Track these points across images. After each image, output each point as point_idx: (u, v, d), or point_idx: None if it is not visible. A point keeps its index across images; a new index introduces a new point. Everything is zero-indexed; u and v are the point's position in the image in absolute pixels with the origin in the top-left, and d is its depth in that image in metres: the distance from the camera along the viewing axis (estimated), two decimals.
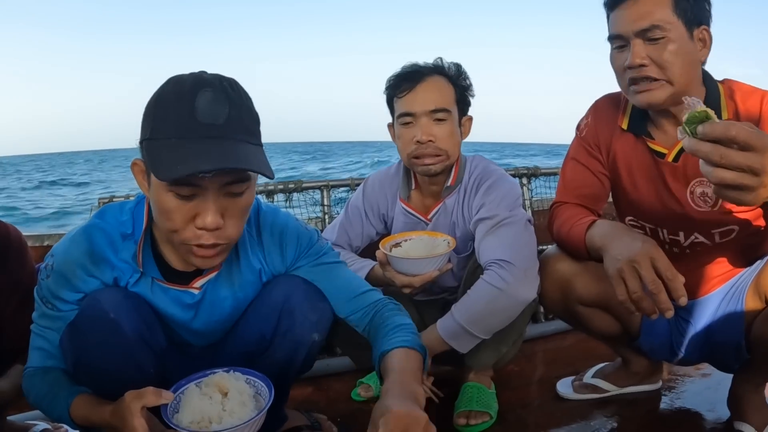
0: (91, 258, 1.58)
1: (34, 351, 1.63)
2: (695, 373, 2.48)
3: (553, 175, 4.04)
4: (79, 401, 1.52)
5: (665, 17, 1.72)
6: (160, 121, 1.37)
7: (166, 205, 1.39)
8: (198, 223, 1.40)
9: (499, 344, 2.09)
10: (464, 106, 2.28)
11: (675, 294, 1.53)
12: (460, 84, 2.25)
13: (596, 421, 2.12)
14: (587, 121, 2.09)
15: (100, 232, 1.60)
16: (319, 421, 2.07)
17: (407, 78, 2.21)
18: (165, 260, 1.64)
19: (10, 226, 1.83)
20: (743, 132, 1.22)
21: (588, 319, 2.11)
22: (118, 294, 1.57)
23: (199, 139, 1.33)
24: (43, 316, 1.61)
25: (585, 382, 2.35)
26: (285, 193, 3.15)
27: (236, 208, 1.44)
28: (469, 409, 2.11)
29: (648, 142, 1.92)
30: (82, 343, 1.52)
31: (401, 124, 2.23)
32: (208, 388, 1.47)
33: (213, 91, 1.35)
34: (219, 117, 1.35)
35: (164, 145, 1.34)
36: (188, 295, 1.66)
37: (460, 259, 2.28)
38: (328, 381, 2.57)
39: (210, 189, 1.37)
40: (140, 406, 1.36)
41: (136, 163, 1.49)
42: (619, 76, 1.85)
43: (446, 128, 2.18)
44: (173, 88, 1.39)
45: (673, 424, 2.12)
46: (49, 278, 1.57)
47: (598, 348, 2.58)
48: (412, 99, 2.18)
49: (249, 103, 1.43)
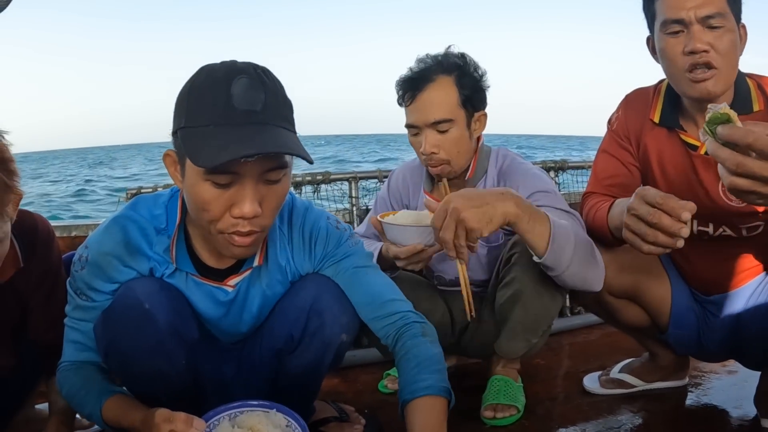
0: (126, 248, 1.60)
1: (68, 344, 1.65)
2: (722, 370, 2.47)
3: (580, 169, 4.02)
4: (111, 403, 1.54)
5: (724, 6, 1.72)
6: (195, 109, 1.37)
7: (203, 195, 1.39)
8: (235, 213, 1.39)
9: (529, 334, 2.09)
10: (475, 102, 2.20)
11: (675, 213, 1.49)
12: (467, 79, 2.19)
13: (623, 416, 2.12)
14: (618, 114, 2.10)
15: (134, 224, 1.62)
16: (346, 413, 2.09)
17: (410, 86, 2.18)
18: (198, 256, 1.65)
19: (37, 217, 1.87)
20: (762, 140, 1.22)
21: (617, 311, 2.11)
22: (154, 284, 1.59)
23: (238, 125, 1.33)
24: (78, 308, 1.63)
25: (612, 377, 2.36)
26: (313, 185, 3.17)
27: (274, 196, 1.44)
28: (496, 402, 2.12)
29: (680, 135, 1.92)
30: (115, 331, 1.54)
31: (410, 134, 2.23)
32: (241, 430, 1.44)
33: (248, 77, 1.36)
34: (256, 103, 1.35)
35: (202, 133, 1.34)
36: (222, 292, 1.68)
37: (490, 248, 2.27)
38: (354, 372, 2.60)
39: (248, 176, 1.37)
40: (168, 431, 1.37)
41: (168, 154, 1.49)
42: (673, 63, 1.81)
43: (451, 136, 2.15)
44: (206, 76, 1.39)
45: (699, 420, 2.11)
46: (84, 269, 1.59)
47: (625, 342, 2.59)
48: (414, 110, 2.17)
49: (283, 90, 1.44)
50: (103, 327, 1.56)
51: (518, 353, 2.14)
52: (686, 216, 1.48)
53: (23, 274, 1.76)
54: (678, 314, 2.07)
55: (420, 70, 2.18)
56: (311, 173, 3.19)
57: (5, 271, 1.72)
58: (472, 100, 2.19)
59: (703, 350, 2.13)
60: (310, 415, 2.03)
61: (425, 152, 2.15)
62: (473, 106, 2.20)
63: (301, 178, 3.16)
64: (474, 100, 2.20)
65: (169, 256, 1.61)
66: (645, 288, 2.06)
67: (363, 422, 2.07)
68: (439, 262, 2.37)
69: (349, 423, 2.05)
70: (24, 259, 1.77)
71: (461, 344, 2.40)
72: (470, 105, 2.18)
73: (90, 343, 1.62)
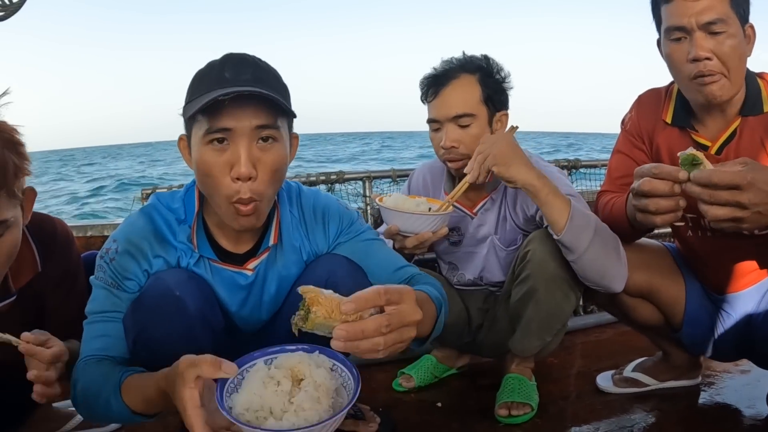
0: (155, 236, 1.66)
1: (89, 341, 1.62)
2: (734, 370, 2.48)
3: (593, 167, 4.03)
4: (130, 380, 1.51)
5: (726, 11, 1.73)
6: (194, 89, 1.55)
7: (205, 159, 1.51)
8: (233, 173, 1.49)
9: (543, 332, 2.11)
10: (497, 102, 2.24)
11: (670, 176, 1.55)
12: (490, 79, 2.23)
13: (636, 414, 2.13)
14: (631, 115, 2.13)
15: (158, 214, 1.68)
16: (361, 411, 2.11)
17: (433, 82, 2.23)
18: (217, 243, 1.71)
19: (56, 221, 1.90)
20: (724, 177, 1.40)
21: (632, 309, 2.13)
22: (182, 273, 1.63)
23: (226, 87, 1.47)
24: (108, 299, 1.62)
25: (625, 375, 2.37)
26: (327, 184, 3.19)
27: (267, 161, 1.53)
28: (510, 400, 2.14)
29: (692, 134, 1.94)
30: (146, 319, 1.56)
31: (431, 129, 2.27)
32: (279, 370, 1.27)
33: (240, 58, 1.55)
34: (245, 74, 1.51)
35: (196, 100, 1.51)
36: (242, 276, 1.72)
37: (508, 252, 2.30)
38: (368, 371, 2.60)
39: (241, 134, 1.49)
40: (194, 376, 1.25)
41: (181, 138, 1.63)
42: (678, 69, 1.85)
43: (471, 132, 2.18)
44: (207, 65, 1.57)
45: (712, 420, 2.12)
46: (114, 261, 1.62)
47: (638, 341, 2.60)
48: (437, 105, 2.21)
49: (277, 73, 1.59)
50: (133, 316, 1.58)
51: (532, 351, 2.16)
52: (683, 175, 1.53)
53: (41, 278, 1.79)
54: (692, 313, 2.09)
55: (444, 69, 2.23)
56: (325, 173, 3.21)
57: (23, 275, 1.74)
58: (494, 99, 2.22)
59: (716, 350, 2.14)
60: None
61: (445, 146, 2.18)
62: (495, 106, 2.23)
63: (315, 177, 3.18)
64: (496, 99, 2.23)
65: (192, 243, 1.66)
66: (659, 287, 2.08)
67: (378, 420, 2.09)
68: (460, 263, 2.41)
69: (364, 421, 2.07)
70: (42, 263, 1.80)
71: (476, 342, 2.42)
72: (492, 103, 2.22)
73: (116, 334, 1.60)
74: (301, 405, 1.19)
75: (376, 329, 1.19)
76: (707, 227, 1.97)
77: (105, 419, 1.74)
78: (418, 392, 2.41)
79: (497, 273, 2.34)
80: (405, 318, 1.25)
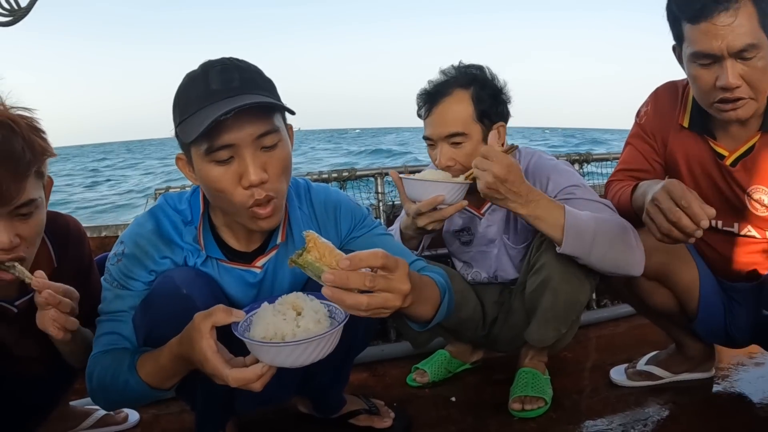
0: (160, 238, 1.67)
1: (101, 338, 1.66)
2: (749, 362, 2.48)
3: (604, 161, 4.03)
4: (144, 355, 1.56)
5: (757, 33, 1.69)
6: (183, 106, 1.51)
7: (212, 176, 1.49)
8: (244, 183, 1.48)
9: (559, 322, 2.12)
10: (492, 116, 2.20)
11: (695, 219, 1.55)
12: (485, 92, 2.18)
13: (650, 408, 2.14)
14: (647, 109, 2.12)
15: (164, 216, 1.70)
16: (376, 406, 2.13)
17: (427, 99, 2.22)
18: (225, 242, 1.72)
19: (69, 218, 1.93)
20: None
21: (647, 294, 2.13)
22: (190, 272, 1.65)
23: (217, 101, 1.45)
24: (116, 300, 1.66)
25: (639, 369, 2.38)
26: (339, 181, 3.20)
27: (275, 162, 1.53)
28: (524, 394, 2.15)
29: (710, 142, 1.93)
30: (155, 317, 1.58)
31: (428, 145, 2.26)
32: (282, 306, 1.42)
33: (221, 65, 1.50)
34: (232, 81, 1.48)
35: (191, 120, 1.46)
36: (251, 274, 1.73)
37: (519, 250, 2.31)
38: (383, 367, 2.63)
39: (244, 146, 1.47)
40: (210, 326, 1.36)
41: (179, 158, 1.61)
42: (703, 93, 1.80)
43: (464, 151, 2.16)
44: (186, 79, 1.53)
45: (726, 412, 2.12)
46: (121, 262, 1.65)
47: (651, 335, 2.62)
48: (430, 124, 2.20)
49: (259, 71, 1.56)
50: (142, 314, 1.61)
51: (548, 342, 2.16)
52: (705, 224, 1.54)
53: (57, 274, 1.81)
54: (707, 299, 2.09)
55: (438, 84, 2.21)
56: (337, 169, 3.22)
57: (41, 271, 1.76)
58: (489, 114, 2.19)
59: (729, 338, 2.15)
60: (341, 406, 2.09)
61: (440, 165, 2.18)
62: (490, 120, 2.20)
63: (327, 174, 3.19)
64: (491, 113, 2.20)
65: (199, 244, 1.68)
66: (673, 270, 2.07)
67: (392, 415, 2.11)
68: (474, 262, 2.42)
69: (379, 416, 2.09)
70: (58, 259, 1.83)
71: (491, 337, 2.42)
72: (487, 118, 2.19)
73: (125, 332, 1.65)
74: (307, 327, 1.34)
75: (360, 281, 1.28)
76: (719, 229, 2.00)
77: (123, 402, 1.78)
78: (433, 387, 2.42)
79: (511, 271, 2.35)
80: (391, 284, 1.32)
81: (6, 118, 1.51)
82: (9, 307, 1.74)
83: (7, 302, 1.74)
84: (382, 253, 1.31)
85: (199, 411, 1.86)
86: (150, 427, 2.23)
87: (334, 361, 1.81)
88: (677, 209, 1.57)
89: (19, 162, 1.50)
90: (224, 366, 1.36)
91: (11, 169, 1.48)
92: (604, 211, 1.99)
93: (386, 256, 1.31)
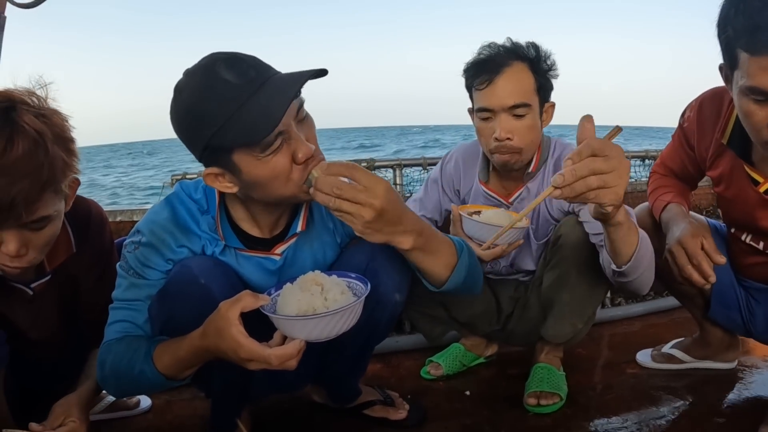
0: (177, 226, 1.65)
1: (112, 326, 1.66)
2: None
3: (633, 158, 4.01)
4: (161, 345, 1.56)
5: None
6: (210, 115, 1.39)
7: (266, 173, 1.45)
8: (301, 158, 1.45)
9: (575, 318, 2.12)
10: (546, 92, 2.15)
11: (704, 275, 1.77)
12: (541, 68, 2.13)
13: (665, 407, 2.13)
14: (690, 114, 2.07)
15: (181, 204, 1.68)
16: (391, 397, 2.13)
17: (485, 68, 2.10)
18: (243, 230, 1.70)
19: (91, 202, 1.92)
20: None
21: (669, 274, 2.13)
22: (208, 261, 1.64)
23: (253, 94, 1.39)
24: (129, 288, 1.65)
25: (663, 352, 2.45)
26: None
27: (308, 129, 1.51)
28: (539, 390, 2.14)
29: (746, 167, 1.86)
30: (172, 307, 1.57)
31: (480, 118, 2.14)
32: (305, 283, 1.46)
33: (221, 60, 1.41)
34: (249, 70, 1.41)
35: (234, 123, 1.38)
36: (270, 261, 1.73)
37: (539, 244, 2.29)
38: (398, 358, 2.63)
39: (290, 127, 1.44)
40: (238, 313, 1.39)
41: (207, 174, 1.53)
42: (754, 130, 1.65)
43: (526, 123, 2.09)
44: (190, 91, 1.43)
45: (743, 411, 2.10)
46: (138, 249, 1.63)
47: (666, 333, 2.65)
48: (491, 93, 2.08)
49: (256, 57, 1.48)
50: (160, 304, 1.60)
51: (564, 337, 2.16)
52: (713, 280, 1.80)
53: (76, 259, 1.81)
54: (721, 288, 2.11)
55: (495, 54, 2.12)
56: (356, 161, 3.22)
57: (58, 257, 1.76)
58: (545, 89, 2.14)
59: (748, 332, 2.18)
60: (357, 396, 2.09)
61: (499, 137, 2.08)
62: (544, 96, 2.15)
63: None
64: (546, 89, 2.15)
65: (217, 234, 1.67)
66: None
67: (407, 407, 2.11)
68: None
69: (394, 408, 2.09)
70: (76, 245, 1.82)
71: (505, 331, 2.42)
72: (542, 93, 2.14)
73: (139, 320, 1.64)
74: (334, 298, 1.41)
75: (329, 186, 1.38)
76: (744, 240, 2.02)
77: (136, 391, 1.80)
78: (447, 380, 2.42)
79: (529, 262, 2.33)
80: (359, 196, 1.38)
81: (33, 128, 1.46)
82: (25, 289, 1.74)
83: (23, 284, 1.74)
84: (353, 165, 1.37)
85: (214, 398, 1.87)
86: (162, 413, 2.24)
87: (353, 349, 1.80)
88: (689, 267, 1.80)
89: (37, 180, 1.46)
90: (263, 348, 1.38)
91: (26, 187, 1.44)
92: None
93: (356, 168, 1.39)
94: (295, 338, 1.39)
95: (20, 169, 1.42)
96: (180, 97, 1.44)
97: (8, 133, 1.42)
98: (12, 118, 1.45)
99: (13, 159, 1.41)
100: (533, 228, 2.27)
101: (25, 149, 1.43)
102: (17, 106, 1.48)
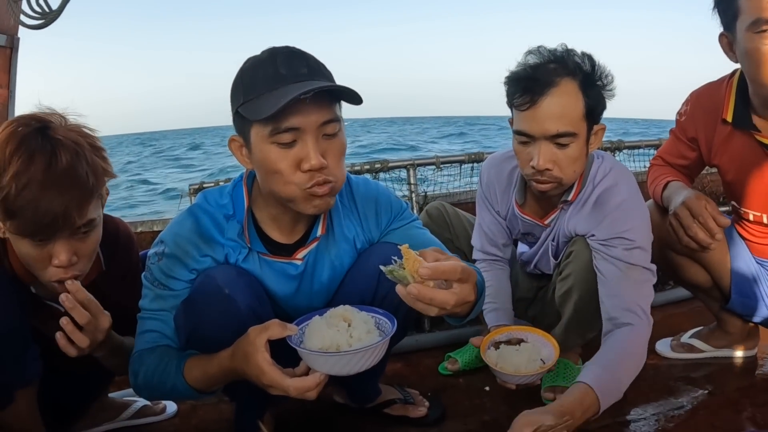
0: (201, 237, 1.69)
1: (142, 335, 1.71)
2: None
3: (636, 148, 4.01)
4: (192, 361, 1.61)
5: None
6: (249, 85, 1.52)
7: (272, 157, 1.52)
8: (304, 167, 1.51)
9: (583, 329, 2.14)
10: (596, 115, 1.90)
11: (711, 232, 1.84)
12: (594, 87, 1.88)
13: (683, 398, 2.14)
14: (686, 109, 2.14)
15: (204, 214, 1.72)
16: (411, 395, 2.16)
17: (529, 87, 1.85)
18: (267, 236, 1.74)
19: (119, 221, 1.97)
20: None
21: (680, 268, 2.20)
22: (232, 271, 1.67)
23: (289, 84, 1.48)
24: (155, 299, 1.70)
25: (682, 341, 2.46)
26: (372, 173, 3.22)
27: (334, 149, 1.56)
28: (556, 384, 2.16)
29: (755, 135, 1.91)
30: (198, 318, 1.61)
31: (519, 141, 1.94)
32: (333, 319, 1.49)
33: (287, 52, 1.53)
34: (301, 68, 1.51)
35: (259, 100, 1.49)
36: (292, 266, 1.76)
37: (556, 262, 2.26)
38: (417, 356, 2.66)
39: (308, 131, 1.50)
40: (265, 341, 1.44)
41: (233, 139, 1.63)
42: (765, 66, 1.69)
43: (569, 153, 1.88)
44: (251, 62, 1.56)
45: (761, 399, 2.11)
46: (161, 261, 1.68)
47: (684, 324, 2.63)
48: (531, 118, 1.86)
49: (321, 62, 1.57)
50: (185, 314, 1.64)
51: (573, 348, 2.20)
52: (719, 237, 1.88)
53: (105, 276, 1.86)
54: (739, 276, 2.13)
55: (540, 69, 1.87)
56: (369, 161, 3.24)
57: (89, 274, 1.81)
58: (595, 113, 1.90)
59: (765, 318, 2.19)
60: (377, 395, 2.12)
61: (538, 167, 1.89)
62: (594, 119, 1.92)
63: (360, 166, 3.21)
64: (597, 111, 1.91)
65: (244, 239, 1.70)
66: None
67: (427, 404, 2.14)
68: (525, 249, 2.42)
69: (414, 405, 2.12)
70: (106, 263, 1.87)
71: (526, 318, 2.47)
72: (592, 117, 1.90)
73: (167, 331, 1.69)
74: (359, 337, 1.43)
75: (442, 303, 1.31)
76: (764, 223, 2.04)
77: (167, 399, 1.94)
78: (466, 376, 2.44)
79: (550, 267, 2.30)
80: (465, 298, 1.34)
81: (70, 140, 1.56)
82: (57, 306, 1.79)
83: (55, 303, 1.79)
84: (461, 268, 1.32)
85: (238, 401, 1.91)
86: (188, 418, 2.28)
87: None
88: (694, 225, 1.85)
89: (84, 188, 1.56)
90: (283, 377, 1.43)
91: (76, 195, 1.54)
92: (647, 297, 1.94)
93: (465, 271, 1.33)
94: (317, 371, 1.43)
95: (67, 180, 1.52)
96: (243, 65, 1.57)
97: (50, 149, 1.52)
98: (49, 135, 1.54)
99: (60, 171, 1.51)
100: (553, 245, 2.19)
101: (69, 161, 1.53)
102: (49, 124, 1.57)
